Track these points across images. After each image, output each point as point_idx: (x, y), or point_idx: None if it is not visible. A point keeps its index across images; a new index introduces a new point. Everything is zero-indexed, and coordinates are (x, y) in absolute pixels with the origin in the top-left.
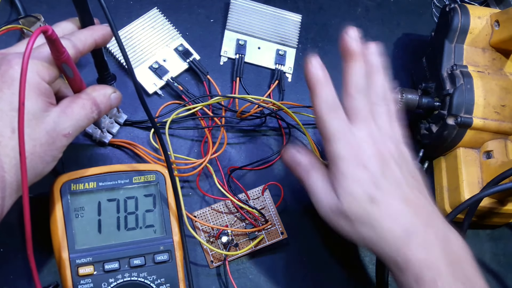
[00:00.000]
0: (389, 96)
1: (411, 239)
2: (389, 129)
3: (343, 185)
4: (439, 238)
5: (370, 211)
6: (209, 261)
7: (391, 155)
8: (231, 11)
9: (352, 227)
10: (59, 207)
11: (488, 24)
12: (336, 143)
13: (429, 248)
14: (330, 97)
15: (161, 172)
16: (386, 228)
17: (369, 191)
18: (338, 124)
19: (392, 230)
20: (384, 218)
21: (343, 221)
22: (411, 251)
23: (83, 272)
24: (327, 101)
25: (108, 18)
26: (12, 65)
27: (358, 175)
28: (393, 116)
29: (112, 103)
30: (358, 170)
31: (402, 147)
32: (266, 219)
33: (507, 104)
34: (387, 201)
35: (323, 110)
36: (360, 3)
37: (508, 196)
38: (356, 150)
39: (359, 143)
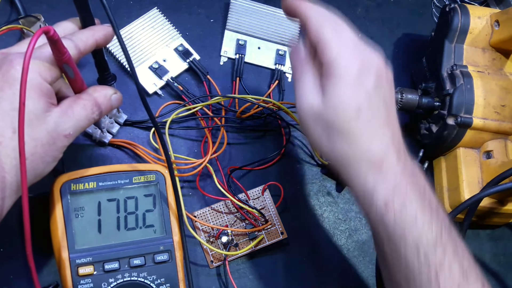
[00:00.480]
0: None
1: (384, 163)
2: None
3: (336, 89)
4: (408, 168)
5: (353, 124)
6: (209, 261)
7: (386, 73)
8: (231, 11)
9: (328, 138)
10: (59, 207)
11: (488, 24)
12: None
13: (399, 174)
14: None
15: (161, 172)
16: (363, 146)
17: (359, 102)
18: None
19: (368, 150)
20: (364, 136)
21: (320, 128)
22: (382, 174)
23: (83, 272)
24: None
25: (110, 17)
26: (14, 65)
27: (355, 82)
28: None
29: (112, 104)
30: (356, 78)
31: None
32: (266, 219)
33: (507, 104)
34: (373, 119)
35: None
36: (360, 3)
37: (508, 196)
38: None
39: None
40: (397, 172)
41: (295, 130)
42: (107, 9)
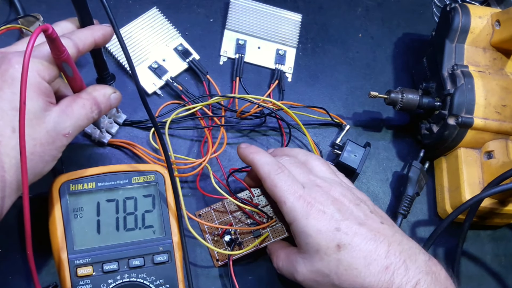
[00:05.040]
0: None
1: (394, 276)
2: (334, 177)
3: (307, 242)
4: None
5: (342, 258)
6: (215, 260)
7: (344, 196)
8: (231, 11)
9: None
10: (58, 208)
11: (489, 24)
12: (288, 199)
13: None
14: (269, 158)
15: (161, 172)
16: (364, 271)
17: (333, 238)
18: (285, 181)
19: (372, 273)
20: (359, 261)
21: (322, 279)
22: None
23: (82, 273)
24: (267, 162)
25: (110, 17)
26: (12, 64)
27: (319, 224)
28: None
29: (112, 103)
30: (316, 220)
31: (354, 190)
32: (270, 216)
33: (508, 104)
34: (355, 242)
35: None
36: (360, 3)
37: (509, 197)
38: (309, 200)
39: (310, 193)
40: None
41: (295, 130)
42: (106, 8)
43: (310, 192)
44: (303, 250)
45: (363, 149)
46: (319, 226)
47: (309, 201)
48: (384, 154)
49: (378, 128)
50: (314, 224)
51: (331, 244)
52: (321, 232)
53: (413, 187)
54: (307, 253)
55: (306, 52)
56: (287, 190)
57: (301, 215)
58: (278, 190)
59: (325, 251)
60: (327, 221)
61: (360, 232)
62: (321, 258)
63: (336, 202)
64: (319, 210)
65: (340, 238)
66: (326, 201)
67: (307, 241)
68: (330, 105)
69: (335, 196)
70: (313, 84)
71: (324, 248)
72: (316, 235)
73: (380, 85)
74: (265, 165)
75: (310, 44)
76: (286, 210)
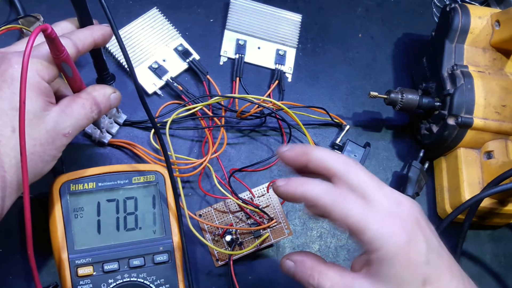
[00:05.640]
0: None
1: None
2: (400, 195)
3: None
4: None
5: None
6: (215, 260)
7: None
8: (231, 11)
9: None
10: (59, 208)
11: (489, 24)
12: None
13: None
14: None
15: (161, 172)
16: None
17: (421, 272)
18: (356, 206)
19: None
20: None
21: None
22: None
23: (82, 272)
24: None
25: (109, 17)
26: (12, 64)
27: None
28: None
29: (111, 103)
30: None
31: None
32: (271, 217)
33: (507, 104)
34: (442, 279)
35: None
36: (360, 3)
37: (508, 197)
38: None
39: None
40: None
41: (295, 130)
42: (105, 8)
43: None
44: (379, 279)
45: (363, 149)
46: (409, 257)
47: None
48: (384, 154)
49: (378, 128)
50: (405, 254)
51: (418, 278)
52: (411, 265)
53: (413, 187)
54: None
55: (306, 52)
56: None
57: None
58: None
59: (409, 285)
60: (417, 253)
61: (443, 267)
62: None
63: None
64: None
65: (429, 273)
66: (414, 225)
67: (391, 271)
68: (330, 105)
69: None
70: (313, 84)
71: (409, 281)
72: (404, 267)
73: (380, 85)
74: (324, 195)
75: (310, 44)
76: (368, 240)
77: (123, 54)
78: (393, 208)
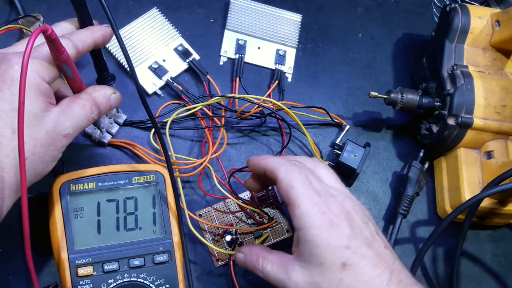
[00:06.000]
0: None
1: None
2: (344, 188)
3: (313, 253)
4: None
5: (345, 278)
6: (215, 260)
7: (356, 211)
8: (231, 11)
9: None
10: (59, 208)
11: (489, 24)
12: (303, 203)
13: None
14: (283, 160)
15: (161, 172)
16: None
17: (340, 255)
18: (303, 183)
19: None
20: (361, 285)
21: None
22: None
23: (82, 272)
24: (283, 163)
25: (109, 17)
26: (12, 64)
27: (330, 237)
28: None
29: (112, 103)
30: (328, 232)
31: (362, 206)
32: (271, 217)
33: (507, 104)
34: (361, 265)
35: (284, 172)
36: (360, 3)
37: (508, 197)
38: (324, 209)
39: (326, 202)
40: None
41: (295, 130)
42: (105, 8)
43: (326, 201)
44: (304, 259)
45: (363, 149)
46: (329, 240)
47: (324, 210)
48: (384, 154)
49: (378, 128)
50: (325, 237)
51: (337, 261)
52: (330, 247)
53: (413, 187)
54: (308, 263)
55: (306, 52)
56: (303, 193)
57: (314, 223)
58: (294, 192)
59: (329, 266)
60: (338, 236)
61: (367, 255)
62: (323, 272)
63: (348, 216)
64: (332, 223)
65: (348, 257)
66: (340, 214)
67: (313, 251)
68: (330, 105)
69: (348, 209)
70: (313, 84)
71: (329, 263)
72: (324, 248)
73: (380, 85)
74: (281, 165)
75: (310, 44)
76: (298, 215)
77: (123, 54)
78: (328, 197)
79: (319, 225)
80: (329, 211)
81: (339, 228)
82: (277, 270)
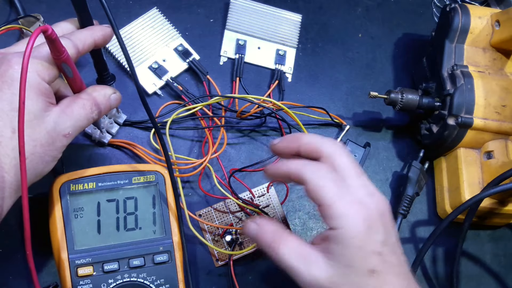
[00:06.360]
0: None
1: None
2: (369, 181)
3: (343, 253)
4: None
5: (369, 284)
6: (215, 260)
7: (387, 212)
8: (231, 11)
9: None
10: (59, 208)
11: (489, 24)
12: (336, 203)
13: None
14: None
15: (161, 172)
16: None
17: (371, 261)
18: (330, 179)
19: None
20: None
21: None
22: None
23: (82, 272)
24: (305, 164)
25: (110, 17)
26: (12, 64)
27: (364, 240)
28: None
29: (112, 103)
30: (363, 234)
31: (386, 200)
32: (271, 217)
33: (507, 104)
34: (388, 273)
35: (310, 174)
36: (360, 3)
37: (508, 197)
38: (359, 210)
39: (362, 201)
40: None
41: (295, 130)
42: (106, 9)
43: (362, 201)
44: (332, 256)
45: (363, 149)
46: (364, 244)
47: (362, 212)
48: (384, 154)
49: (378, 128)
50: (360, 239)
51: (366, 266)
52: (364, 251)
53: (413, 187)
54: (334, 262)
55: (306, 52)
56: (335, 192)
57: (351, 225)
58: (325, 191)
59: (356, 270)
60: (373, 241)
61: (393, 263)
62: (348, 274)
63: (383, 219)
64: (370, 227)
65: (377, 264)
66: (378, 217)
67: (344, 251)
68: (330, 105)
69: (382, 211)
70: (313, 84)
71: (357, 267)
72: (356, 251)
73: (380, 85)
74: (305, 166)
75: (310, 44)
76: (333, 215)
77: (124, 54)
78: (364, 196)
79: (355, 227)
80: (366, 212)
81: (375, 232)
82: (295, 257)
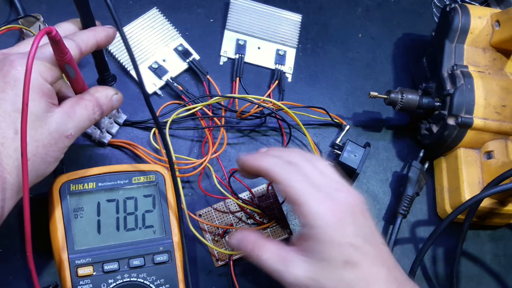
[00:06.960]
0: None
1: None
2: (344, 181)
3: (316, 248)
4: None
5: (346, 275)
6: (215, 260)
7: (358, 206)
8: (231, 11)
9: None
10: (59, 208)
11: (489, 24)
12: (307, 202)
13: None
14: (275, 159)
15: (161, 172)
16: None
17: (343, 253)
18: (301, 180)
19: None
20: (360, 283)
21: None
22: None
23: (82, 272)
24: (276, 163)
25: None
26: (15, 65)
27: (335, 234)
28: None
29: (114, 104)
30: (333, 229)
31: (359, 195)
32: (271, 217)
33: (507, 104)
34: (363, 263)
35: (279, 173)
36: (360, 3)
37: (508, 197)
38: (330, 206)
39: (330, 198)
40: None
41: (295, 130)
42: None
43: (330, 197)
44: (306, 253)
45: (363, 149)
46: (335, 237)
47: (330, 207)
48: (384, 154)
49: (378, 128)
50: (331, 234)
51: (339, 258)
52: (335, 243)
53: (413, 187)
54: (310, 258)
55: (306, 52)
56: (305, 191)
57: (320, 221)
58: (295, 190)
59: (331, 262)
60: (343, 233)
61: (369, 253)
62: (324, 268)
63: (353, 212)
64: (339, 220)
65: (351, 255)
66: (346, 210)
67: (317, 247)
68: (330, 105)
69: (352, 204)
70: (313, 84)
71: (332, 260)
72: (329, 245)
73: (380, 85)
74: (276, 166)
75: (310, 44)
76: (304, 212)
77: (128, 54)
78: (334, 193)
79: (326, 222)
80: (335, 207)
81: (345, 225)
82: (275, 260)
